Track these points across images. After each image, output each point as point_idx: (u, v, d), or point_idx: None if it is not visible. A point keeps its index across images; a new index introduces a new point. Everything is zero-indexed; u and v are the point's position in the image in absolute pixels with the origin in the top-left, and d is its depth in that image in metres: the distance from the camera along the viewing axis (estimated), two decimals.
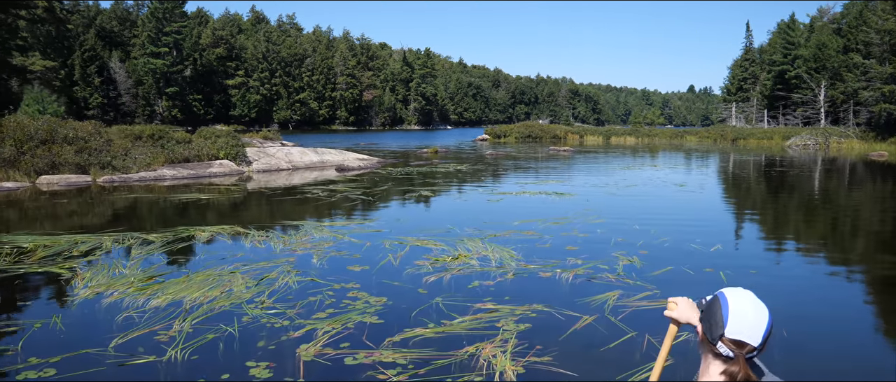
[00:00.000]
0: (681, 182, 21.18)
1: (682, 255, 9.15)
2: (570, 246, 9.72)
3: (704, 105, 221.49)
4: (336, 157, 27.36)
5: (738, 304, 1.76)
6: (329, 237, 10.37)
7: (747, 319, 1.74)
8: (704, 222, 12.59)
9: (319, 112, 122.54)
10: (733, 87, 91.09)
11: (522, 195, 16.67)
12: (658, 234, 10.76)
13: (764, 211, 15.19)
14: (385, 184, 19.92)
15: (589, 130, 69.05)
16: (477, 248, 9.36)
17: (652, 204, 15.56)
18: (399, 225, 11.82)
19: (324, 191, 17.47)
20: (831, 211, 15.30)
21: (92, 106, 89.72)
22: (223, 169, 22.79)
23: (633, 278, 7.74)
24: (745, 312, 1.75)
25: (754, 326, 1.73)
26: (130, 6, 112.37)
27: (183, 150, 22.98)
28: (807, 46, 72.13)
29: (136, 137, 24.46)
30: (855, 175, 25.60)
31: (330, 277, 7.66)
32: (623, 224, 11.90)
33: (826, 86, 66.85)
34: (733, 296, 1.79)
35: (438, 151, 37.79)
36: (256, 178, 21.98)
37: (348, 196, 16.24)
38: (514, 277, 7.76)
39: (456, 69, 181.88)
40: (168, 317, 6.12)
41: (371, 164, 27.08)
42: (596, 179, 21.93)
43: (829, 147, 48.59)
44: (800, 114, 69.65)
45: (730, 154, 41.46)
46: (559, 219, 12.35)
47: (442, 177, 21.89)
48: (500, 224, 11.71)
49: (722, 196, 18.70)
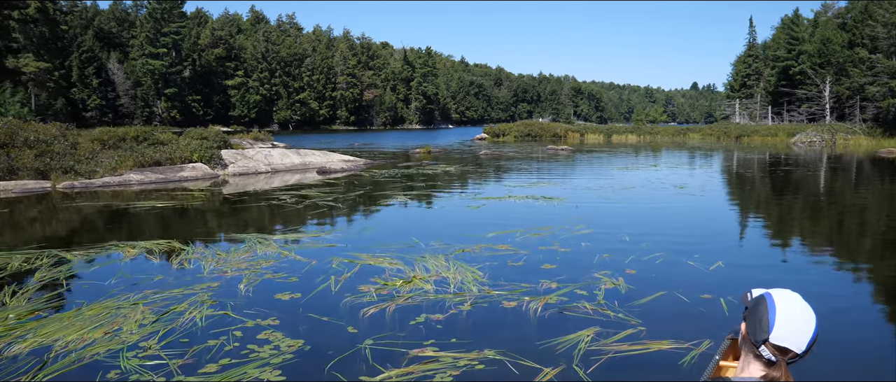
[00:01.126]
0: (681, 183, 19.77)
1: (677, 276, 7.81)
2: (547, 264, 8.39)
3: (708, 102, 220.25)
4: (320, 159, 26.06)
5: (786, 309, 1.72)
6: (274, 253, 9.06)
7: (794, 326, 1.70)
8: (704, 232, 11.20)
9: (320, 112, 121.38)
10: (737, 84, 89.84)
11: (507, 200, 15.30)
12: (650, 248, 9.42)
13: (770, 218, 13.77)
14: (362, 188, 18.62)
15: (590, 128, 67.59)
16: (438, 267, 8.06)
17: (647, 209, 14.23)
18: (359, 237, 10.51)
19: (293, 197, 16.15)
20: (845, 215, 13.94)
21: (90, 107, 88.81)
22: (195, 173, 21.50)
23: (615, 308, 6.42)
24: (793, 318, 1.71)
25: (801, 333, 1.70)
26: (129, 6, 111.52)
27: (153, 154, 21.72)
28: (811, 41, 71.02)
29: (119, 139, 23.41)
30: (864, 173, 24.23)
31: (248, 310, 6.36)
32: (612, 235, 10.57)
33: (831, 81, 65.76)
34: (781, 300, 1.74)
35: (431, 151, 36.41)
36: (231, 182, 20.71)
37: (317, 203, 14.90)
38: (472, 308, 6.44)
39: (458, 68, 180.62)
40: (16, 372, 4.82)
41: (356, 166, 25.78)
42: (590, 181, 20.62)
43: (836, 144, 47.20)
44: (805, 111, 68.52)
45: (733, 152, 40.05)
46: (541, 230, 11.01)
47: (426, 180, 20.56)
48: (473, 236, 10.39)
49: (724, 199, 17.16)
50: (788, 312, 1.71)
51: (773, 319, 1.71)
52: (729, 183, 21.70)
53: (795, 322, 1.70)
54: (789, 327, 1.69)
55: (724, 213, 14.28)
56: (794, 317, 1.70)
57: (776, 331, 1.70)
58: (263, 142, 39.19)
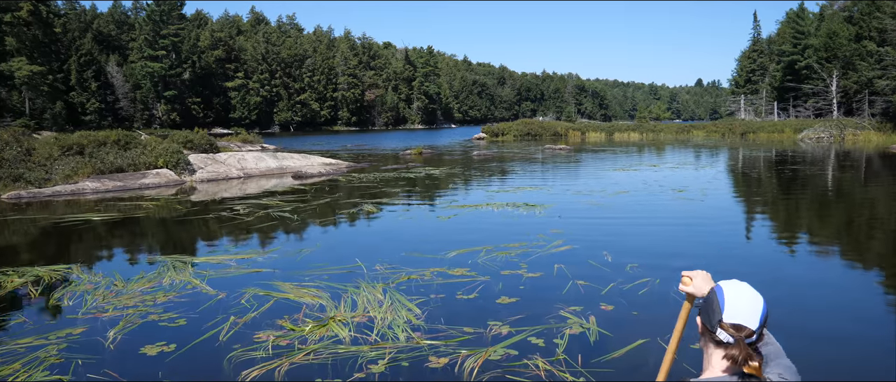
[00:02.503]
0: (680, 186, 18.12)
1: (664, 314, 6.22)
2: (506, 296, 6.83)
3: (713, 98, 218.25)
4: (298, 163, 24.54)
5: (733, 291, 1.82)
6: (181, 283, 7.54)
7: (743, 303, 1.79)
8: (702, 249, 9.59)
9: (321, 113, 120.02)
10: (741, 80, 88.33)
11: (483, 209, 13.69)
12: (636, 272, 7.85)
13: (781, 228, 11.92)
14: (332, 194, 17.05)
15: (591, 126, 65.83)
16: (369, 302, 6.53)
17: (639, 219, 12.58)
18: (295, 259, 8.97)
19: (251, 206, 14.60)
20: (867, 225, 12.36)
21: (89, 111, 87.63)
22: (159, 179, 20.02)
23: (576, 367, 4.87)
24: (741, 297, 1.80)
25: (750, 309, 1.79)
26: (128, 8, 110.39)
27: (115, 159, 20.25)
28: (817, 35, 69.40)
29: (99, 143, 22.13)
30: (879, 171, 22.54)
31: (94, 374, 4.84)
32: (593, 253, 9.00)
33: (838, 75, 64.17)
34: (728, 285, 1.85)
35: (423, 153, 34.79)
36: (199, 189, 19.22)
37: (272, 214, 13.32)
38: (387, 368, 4.90)
39: (461, 67, 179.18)
40: None
41: (336, 170, 24.24)
42: (582, 183, 19.03)
43: (845, 139, 45.45)
44: (811, 106, 66.93)
45: (738, 149, 38.35)
46: (511, 246, 9.46)
47: (404, 185, 19.01)
48: (428, 257, 8.85)
49: (728, 205, 15.03)
50: (736, 293, 1.81)
51: (723, 301, 1.80)
52: (733, 185, 19.95)
53: (743, 300, 1.79)
54: (738, 304, 1.78)
55: (728, 224, 12.30)
56: (741, 297, 1.80)
57: (727, 310, 1.78)
58: (252, 144, 37.87)
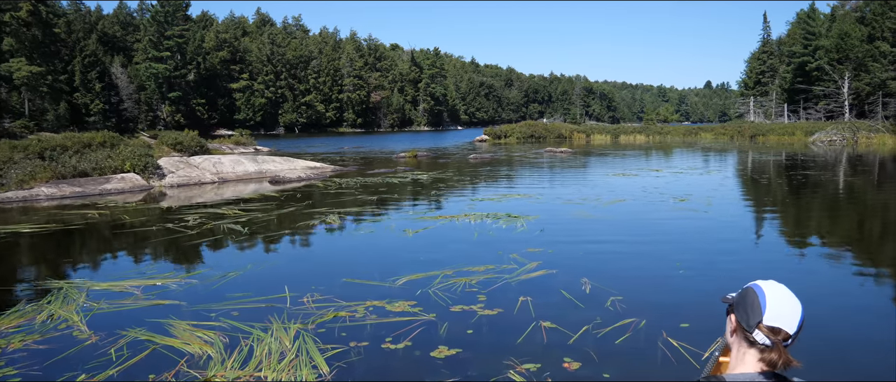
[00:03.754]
0: (683, 193, 16.57)
1: (644, 376, 4.82)
2: (445, 346, 5.34)
3: (722, 100, 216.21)
4: (279, 167, 23.16)
5: (775, 293, 1.75)
6: (60, 319, 6.13)
7: (785, 306, 1.73)
8: (700, 276, 7.98)
9: (326, 114, 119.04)
10: (751, 81, 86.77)
11: (459, 220, 12.19)
12: (617, 309, 6.32)
13: (794, 248, 10.03)
14: (301, 202, 15.60)
15: (597, 129, 64.21)
16: (270, 353, 5.11)
17: (632, 235, 11.00)
18: (214, 286, 7.51)
19: (204, 216, 13.18)
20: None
21: (93, 112, 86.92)
22: (123, 184, 18.64)
23: None
24: (782, 300, 1.74)
25: (791, 313, 1.73)
26: (133, 9, 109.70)
27: (77, 163, 18.90)
28: (828, 36, 67.88)
29: (84, 145, 21.07)
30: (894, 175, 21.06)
31: None
32: (570, 282, 7.46)
33: (850, 77, 62.70)
34: (768, 287, 1.77)
35: (418, 155, 33.30)
36: (166, 194, 17.87)
37: (224, 226, 11.85)
38: None
39: (468, 69, 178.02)
40: None
41: (318, 174, 22.82)
42: (576, 190, 17.53)
43: (858, 142, 43.77)
44: (822, 108, 65.40)
45: (748, 152, 36.78)
46: (476, 270, 7.99)
47: (383, 192, 17.51)
48: (371, 285, 7.36)
49: (736, 219, 13.05)
50: (778, 295, 1.74)
51: (765, 302, 1.73)
52: (741, 193, 18.13)
53: (786, 303, 1.73)
54: (781, 307, 1.72)
55: (733, 242, 10.11)
56: (784, 299, 1.73)
57: (769, 312, 1.72)
58: (246, 146, 36.77)
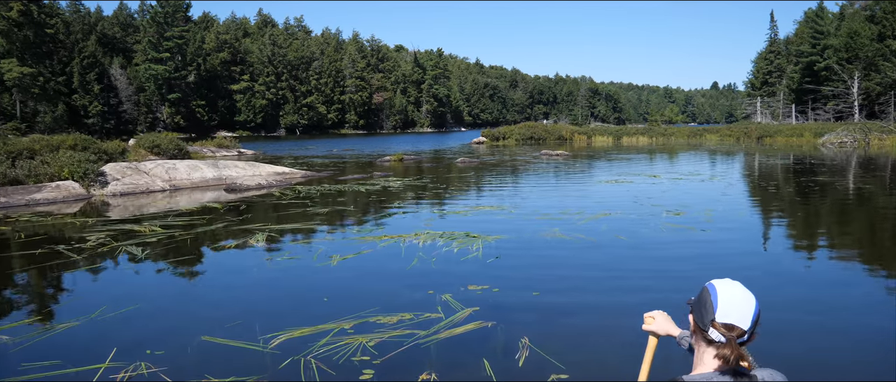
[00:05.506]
0: (680, 204, 14.77)
1: None
2: None
3: (728, 101, 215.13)
4: (241, 173, 21.91)
5: (727, 290, 1.81)
6: None
7: (736, 303, 1.78)
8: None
9: (328, 116, 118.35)
10: (758, 82, 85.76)
11: (406, 242, 10.52)
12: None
13: (815, 282, 7.95)
14: (239, 216, 13.97)
15: (598, 130, 63.24)
16: None
17: (605, 268, 8.66)
18: (26, 344, 5.89)
19: (113, 234, 11.59)
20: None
21: (92, 114, 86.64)
22: (57, 193, 17.28)
23: None
24: (734, 297, 1.79)
25: (743, 309, 1.78)
26: (134, 10, 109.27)
27: (7, 170, 17.55)
28: (837, 35, 66.87)
29: (53, 148, 20.19)
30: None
31: None
32: (505, 341, 5.79)
33: (860, 77, 61.62)
34: (721, 285, 1.84)
35: (404, 159, 32.17)
36: (109, 204, 16.58)
37: (123, 248, 10.22)
38: None
39: (472, 70, 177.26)
40: None
41: (282, 181, 21.61)
42: (558, 202, 15.82)
43: (870, 144, 42.65)
44: (831, 109, 64.38)
45: (754, 155, 35.77)
46: (384, 323, 6.26)
47: (341, 203, 15.82)
48: (237, 347, 5.70)
49: (738, 239, 10.79)
50: (729, 292, 1.80)
51: (716, 300, 1.79)
52: (748, 204, 15.85)
53: (736, 299, 1.78)
54: (731, 304, 1.78)
55: (738, 276, 9.21)
56: (734, 296, 1.79)
57: (720, 310, 1.77)
58: (229, 149, 35.97)
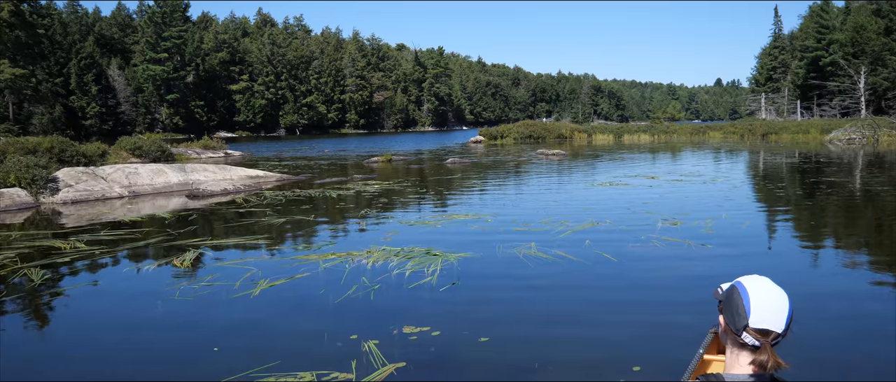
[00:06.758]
0: (678, 212, 12.88)
1: None
2: None
3: (732, 98, 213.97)
4: (209, 177, 20.47)
5: (759, 292, 1.74)
6: None
7: (769, 307, 1.72)
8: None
9: (328, 115, 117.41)
10: (762, 78, 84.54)
11: (355, 260, 8.91)
12: None
13: (838, 316, 6.03)
14: (182, 228, 12.26)
15: (599, 128, 61.87)
16: None
17: (584, 294, 7.18)
18: None
19: (28, 251, 10.19)
20: None
21: (89, 115, 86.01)
22: (1, 202, 15.86)
23: None
24: (766, 299, 1.72)
25: (777, 313, 1.71)
26: (133, 10, 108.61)
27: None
28: (843, 30, 65.65)
29: (28, 151, 19.55)
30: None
31: None
32: None
33: (866, 72, 60.29)
34: (752, 285, 1.76)
35: (393, 160, 30.80)
36: (61, 213, 15.28)
37: (25, 271, 8.68)
38: None
39: (474, 68, 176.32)
40: None
41: (251, 185, 20.01)
42: (542, 209, 13.85)
43: (879, 140, 41.32)
44: (837, 105, 63.05)
45: (759, 153, 34.50)
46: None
47: (304, 212, 14.14)
48: None
49: (745, 256, 9.06)
50: (762, 295, 1.72)
51: (749, 304, 1.72)
52: (754, 209, 14.10)
53: (770, 303, 1.71)
54: (765, 308, 1.70)
55: None
56: (768, 299, 1.71)
57: (754, 315, 1.71)
58: (215, 150, 34.89)
